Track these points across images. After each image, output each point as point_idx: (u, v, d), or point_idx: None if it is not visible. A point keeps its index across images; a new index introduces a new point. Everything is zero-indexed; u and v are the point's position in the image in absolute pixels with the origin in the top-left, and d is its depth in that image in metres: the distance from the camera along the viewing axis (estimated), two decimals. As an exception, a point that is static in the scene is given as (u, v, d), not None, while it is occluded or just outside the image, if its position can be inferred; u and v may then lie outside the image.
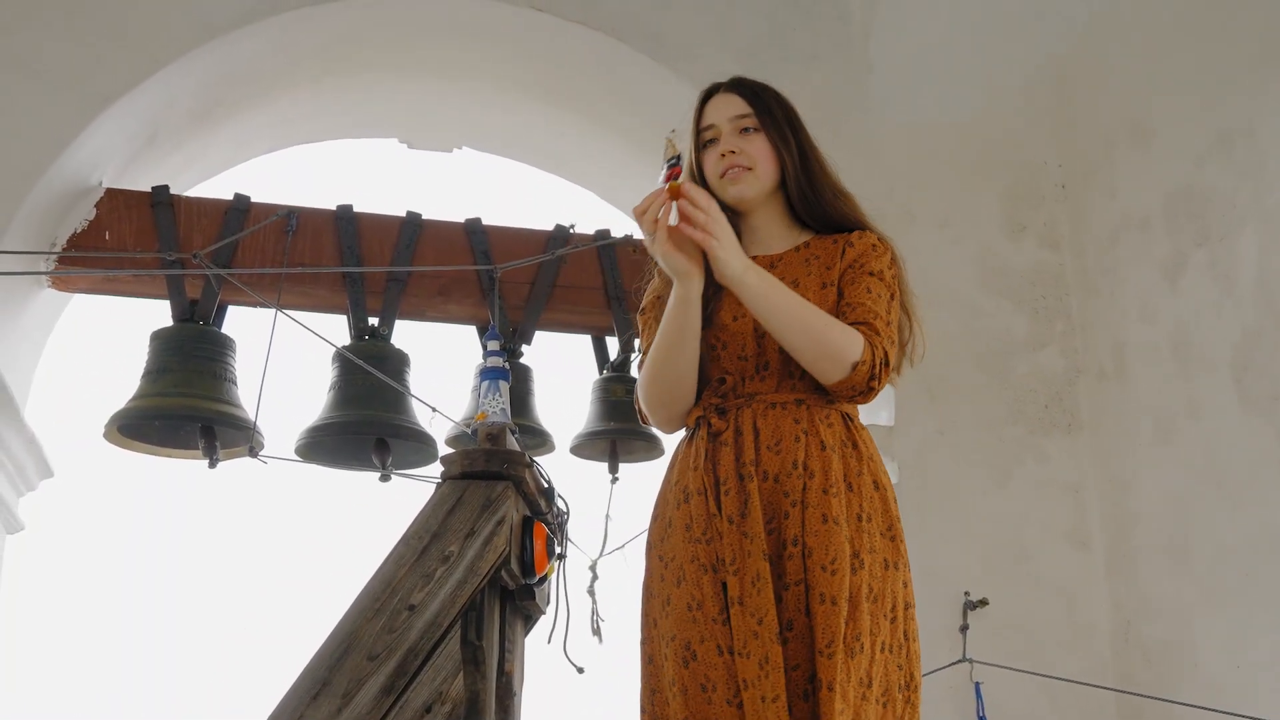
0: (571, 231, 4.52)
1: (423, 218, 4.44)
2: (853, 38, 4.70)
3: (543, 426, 4.45)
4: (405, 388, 4.17)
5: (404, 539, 2.52)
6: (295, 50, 4.53)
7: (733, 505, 2.22)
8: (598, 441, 4.47)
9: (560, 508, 2.87)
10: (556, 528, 2.82)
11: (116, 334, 5.01)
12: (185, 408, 3.98)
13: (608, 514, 4.16)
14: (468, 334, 4.54)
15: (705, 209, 2.21)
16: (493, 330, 3.22)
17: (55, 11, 4.13)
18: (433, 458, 4.21)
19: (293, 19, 4.33)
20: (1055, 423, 4.46)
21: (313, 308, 4.34)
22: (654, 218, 2.23)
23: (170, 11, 4.22)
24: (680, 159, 2.27)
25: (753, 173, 2.39)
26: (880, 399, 4.28)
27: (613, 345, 4.57)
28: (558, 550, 2.82)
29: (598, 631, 3.51)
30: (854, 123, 4.59)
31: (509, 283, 4.38)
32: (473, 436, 2.82)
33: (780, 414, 2.27)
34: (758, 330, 2.30)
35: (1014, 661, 3.98)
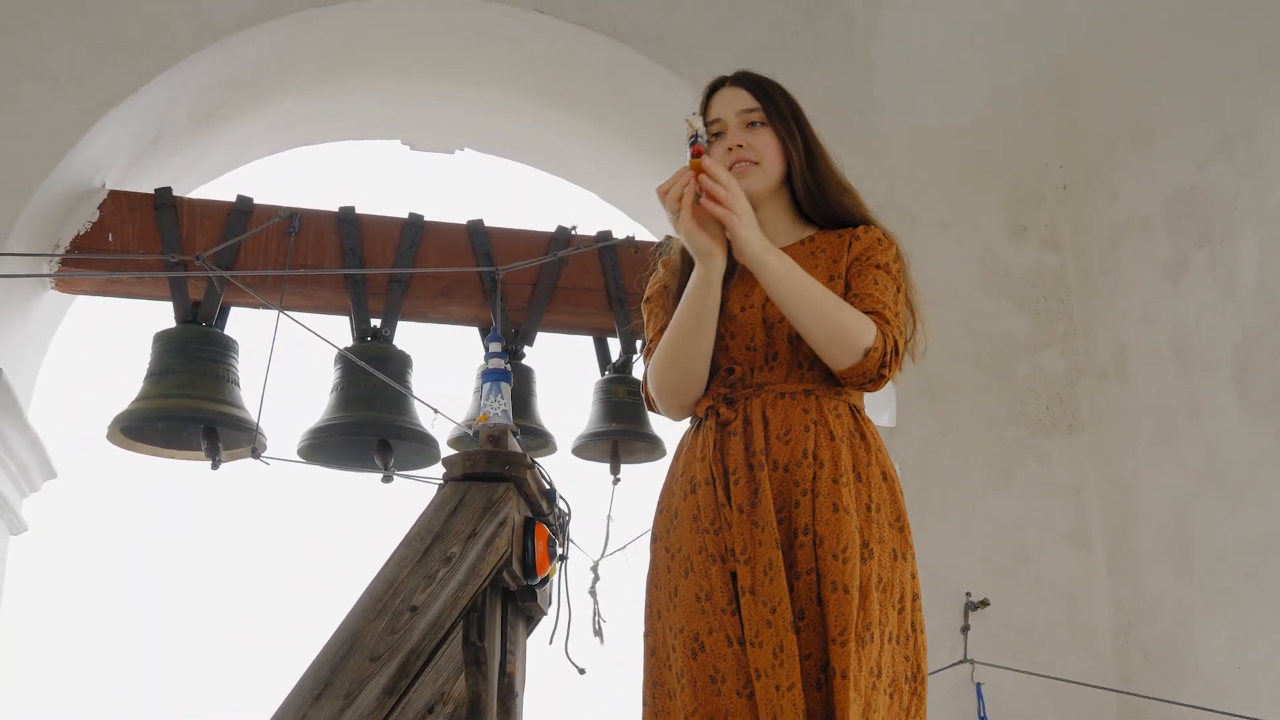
0: (573, 233, 4.52)
1: (425, 219, 4.45)
2: (854, 40, 4.70)
3: (544, 427, 4.46)
4: (407, 389, 4.17)
5: (406, 540, 2.53)
6: (297, 53, 4.54)
7: (743, 494, 2.22)
8: (599, 442, 4.48)
9: (562, 509, 2.88)
10: (558, 529, 2.83)
11: (119, 335, 5.03)
12: (188, 409, 3.99)
13: (609, 515, 4.17)
14: (470, 335, 4.54)
15: (726, 185, 2.21)
16: (494, 332, 3.23)
17: (58, 14, 4.14)
18: (435, 459, 4.22)
19: (295, 21, 4.33)
20: (1056, 423, 4.46)
21: (315, 309, 4.35)
22: (677, 195, 2.22)
23: (173, 14, 4.22)
24: (701, 138, 2.25)
25: (759, 167, 2.39)
26: (882, 400, 4.31)
27: (614, 346, 4.58)
28: (559, 551, 2.83)
29: (599, 632, 3.52)
30: (856, 124, 4.60)
31: (511, 284, 4.39)
32: (474, 438, 2.83)
33: (789, 404, 2.27)
34: (766, 320, 2.31)
35: (1015, 662, 3.98)
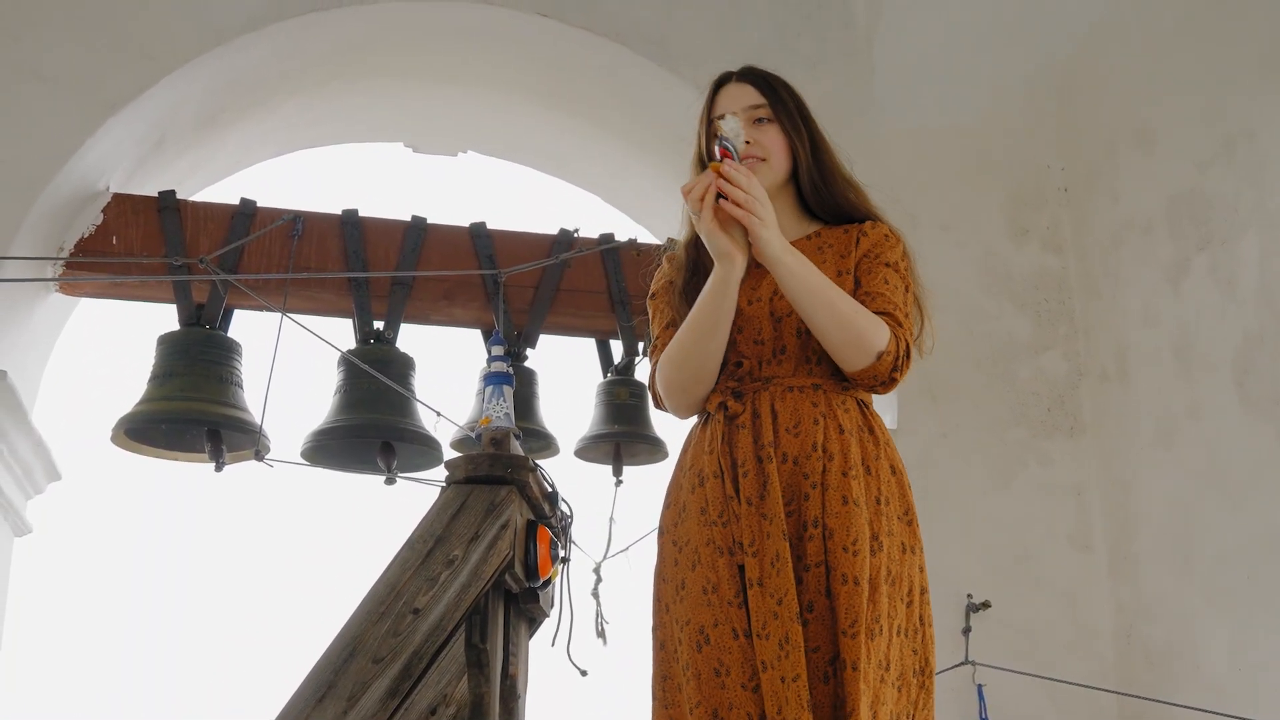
0: (575, 235, 4.53)
1: (427, 222, 4.45)
2: (856, 42, 4.70)
3: (547, 429, 4.47)
4: (410, 392, 4.18)
5: (409, 543, 2.53)
6: (301, 56, 4.55)
7: (751, 487, 2.22)
8: (602, 444, 4.49)
9: (564, 511, 2.89)
10: (560, 531, 2.84)
11: (123, 338, 5.05)
12: (192, 411, 4.00)
13: (612, 517, 4.19)
14: (472, 337, 4.55)
15: (747, 188, 2.20)
16: (497, 335, 3.24)
17: (63, 18, 4.15)
18: (438, 460, 4.22)
19: (298, 25, 4.34)
20: (1058, 425, 4.46)
21: (318, 311, 4.36)
22: (699, 196, 2.22)
23: (177, 18, 4.23)
24: (728, 140, 2.25)
25: (767, 163, 2.40)
26: (883, 401, 4.29)
27: (617, 348, 4.59)
28: (561, 554, 2.84)
29: (602, 634, 3.53)
30: (857, 126, 4.58)
31: (513, 286, 4.39)
32: (477, 441, 2.83)
33: (798, 397, 2.28)
34: (774, 314, 2.31)
35: (1016, 664, 3.98)
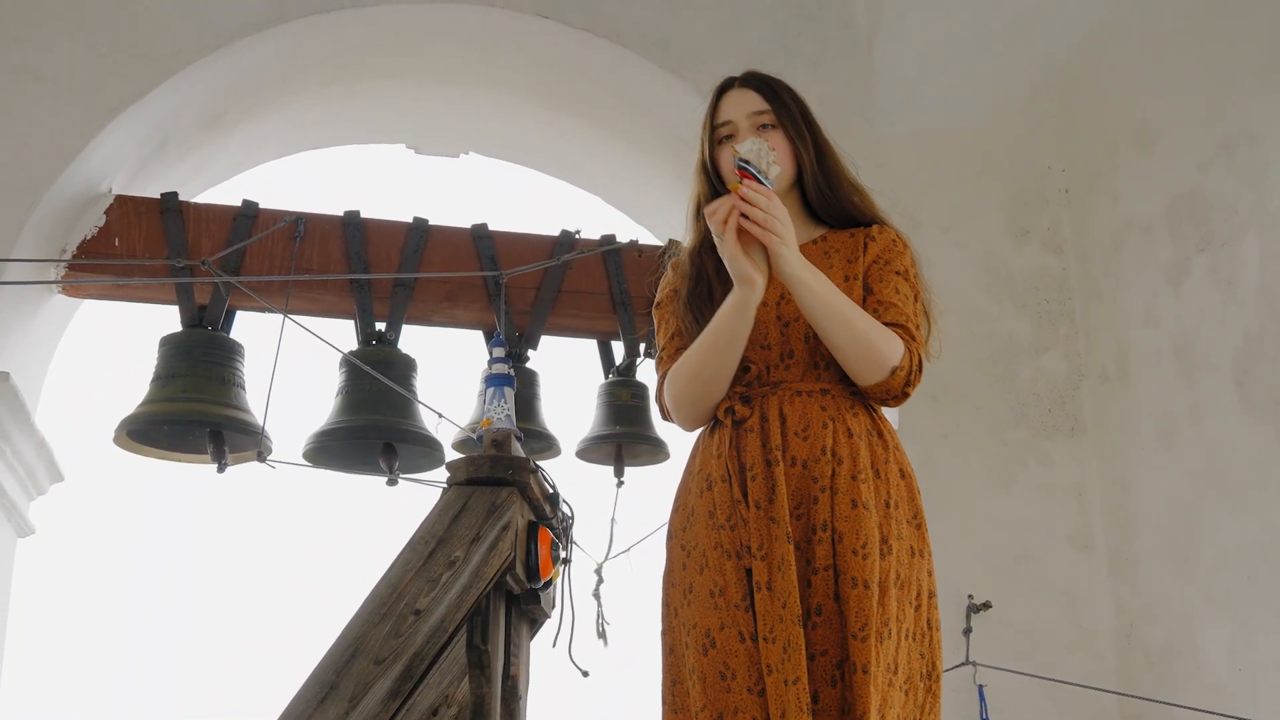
0: (577, 236, 4.54)
1: (429, 223, 4.46)
2: (857, 44, 4.70)
3: (549, 430, 4.48)
4: (412, 393, 4.19)
5: (410, 544, 2.54)
6: (303, 57, 4.56)
7: (760, 491, 2.23)
8: (603, 445, 4.49)
9: (565, 512, 2.90)
10: (561, 532, 2.85)
11: (126, 339, 5.06)
12: (194, 413, 4.01)
13: (613, 517, 4.19)
14: (474, 339, 4.56)
15: (767, 209, 2.20)
16: (498, 337, 3.24)
17: (66, 20, 4.16)
18: (440, 461, 4.23)
19: (301, 27, 4.35)
20: (1058, 426, 4.47)
21: (320, 313, 4.37)
22: (722, 218, 2.22)
23: (180, 20, 4.24)
24: (748, 163, 2.25)
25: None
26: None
27: (618, 349, 4.59)
28: (562, 555, 2.85)
29: (603, 635, 3.54)
30: (858, 128, 4.58)
31: (515, 288, 4.40)
32: (478, 442, 2.84)
33: (807, 401, 2.29)
34: (781, 319, 2.32)
35: (1017, 664, 3.99)
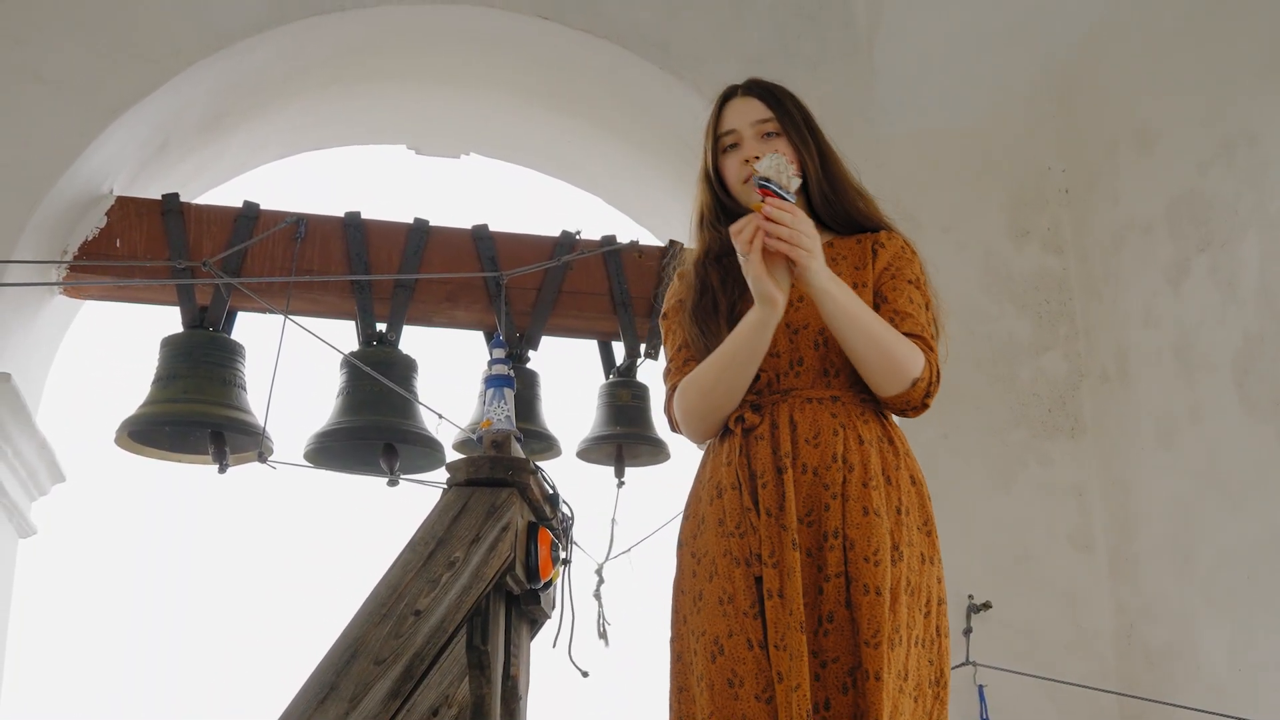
0: (577, 237, 4.54)
1: (430, 224, 4.47)
2: (857, 44, 4.71)
3: (549, 431, 4.49)
4: (413, 394, 4.19)
5: (410, 545, 2.54)
6: (304, 58, 4.56)
7: (771, 498, 2.23)
8: (604, 446, 4.50)
9: (565, 513, 2.90)
10: (561, 533, 2.85)
11: (127, 340, 5.06)
12: (195, 414, 4.02)
13: (613, 518, 4.20)
14: (475, 339, 4.56)
15: (792, 225, 2.18)
16: (498, 338, 3.24)
17: (66, 21, 4.16)
18: (440, 462, 4.24)
19: (302, 28, 4.36)
20: (1058, 426, 4.47)
21: (321, 314, 4.37)
22: (748, 239, 2.20)
23: (181, 21, 4.25)
24: (768, 181, 2.22)
25: None
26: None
27: (619, 350, 4.60)
28: (562, 555, 2.85)
29: (604, 635, 3.54)
30: (858, 129, 4.59)
31: (516, 288, 4.41)
32: (478, 443, 2.84)
33: (817, 408, 2.29)
34: (789, 327, 2.32)
35: (1017, 664, 3.99)
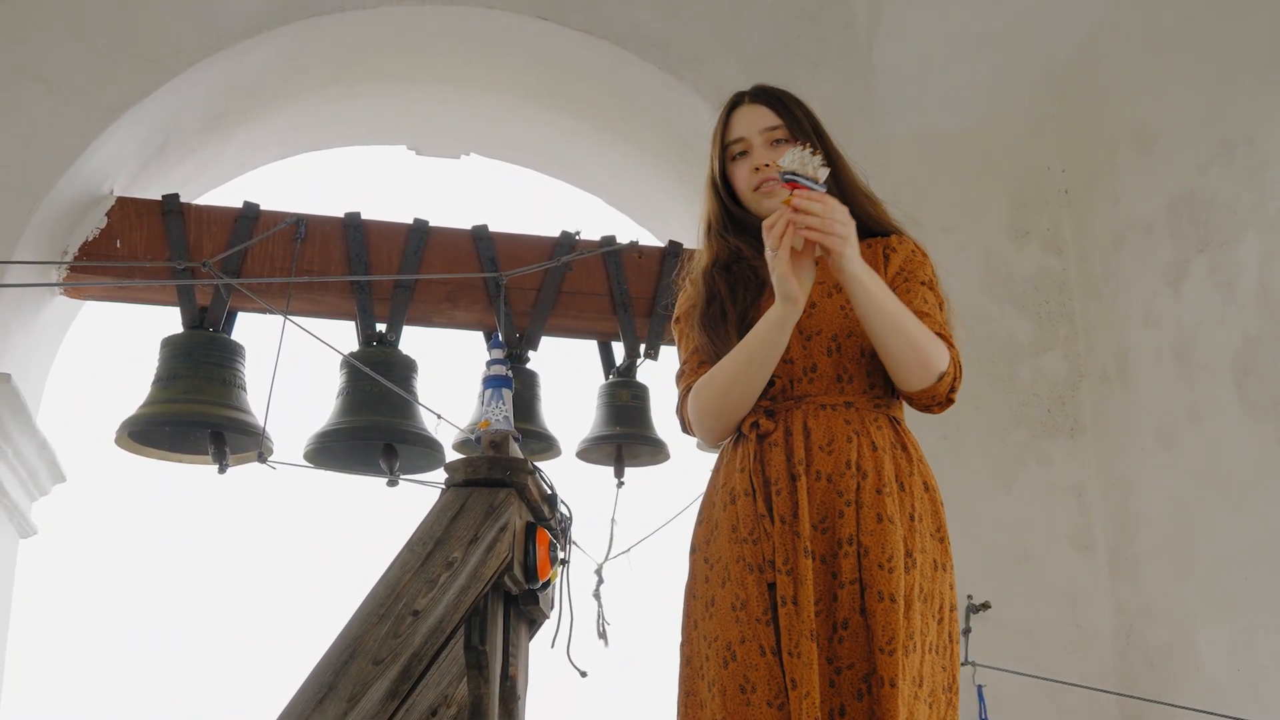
0: (577, 237, 4.54)
1: (430, 224, 4.46)
2: (857, 45, 4.71)
3: (549, 431, 4.48)
4: (412, 394, 4.20)
5: (408, 545, 2.54)
6: (304, 59, 4.57)
7: (784, 505, 2.23)
8: (603, 446, 4.50)
9: (563, 513, 2.90)
10: (559, 533, 2.85)
11: (127, 340, 5.07)
12: (195, 414, 4.02)
13: (613, 518, 4.20)
14: (475, 339, 4.56)
15: (824, 213, 2.16)
16: (496, 338, 3.24)
17: (67, 22, 4.17)
18: (440, 462, 4.24)
19: (302, 28, 4.36)
20: (1058, 427, 4.47)
21: (321, 314, 4.38)
22: (780, 234, 2.19)
23: (181, 21, 4.25)
24: (793, 174, 2.19)
25: None
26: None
27: (618, 350, 4.60)
28: (560, 556, 2.85)
29: (603, 635, 3.54)
30: (859, 129, 4.59)
31: (515, 289, 4.41)
32: (476, 444, 2.84)
33: (831, 415, 2.28)
34: (803, 333, 2.31)
35: (1016, 665, 3.99)
